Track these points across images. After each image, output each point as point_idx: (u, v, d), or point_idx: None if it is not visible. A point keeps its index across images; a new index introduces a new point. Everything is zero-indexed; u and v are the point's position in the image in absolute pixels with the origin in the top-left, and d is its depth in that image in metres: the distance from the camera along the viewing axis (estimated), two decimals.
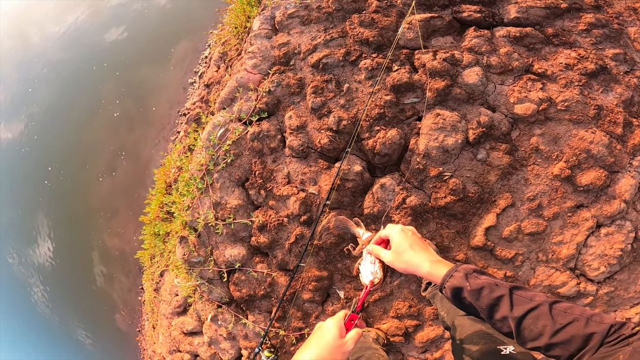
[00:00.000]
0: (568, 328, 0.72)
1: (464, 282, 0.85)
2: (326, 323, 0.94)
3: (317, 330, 0.94)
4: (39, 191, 4.51)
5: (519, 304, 0.79)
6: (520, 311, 0.78)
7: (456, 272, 0.88)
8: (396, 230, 1.00)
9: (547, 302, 0.77)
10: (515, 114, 1.89)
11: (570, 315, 0.73)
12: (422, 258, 0.94)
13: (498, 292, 0.81)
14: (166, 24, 4.18)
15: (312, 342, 0.91)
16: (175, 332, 2.92)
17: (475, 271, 0.87)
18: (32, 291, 4.85)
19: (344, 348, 0.90)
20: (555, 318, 0.74)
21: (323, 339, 0.90)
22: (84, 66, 4.41)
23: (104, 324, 4.68)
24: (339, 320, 0.94)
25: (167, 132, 3.85)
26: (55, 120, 4.53)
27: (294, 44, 2.21)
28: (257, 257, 2.25)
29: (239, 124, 2.22)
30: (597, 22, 1.94)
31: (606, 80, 1.87)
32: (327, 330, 0.91)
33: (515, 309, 0.78)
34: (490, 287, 0.83)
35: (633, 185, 1.84)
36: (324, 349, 0.88)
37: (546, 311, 0.75)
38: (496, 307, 0.81)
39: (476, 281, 0.84)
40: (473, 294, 0.84)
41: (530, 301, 0.78)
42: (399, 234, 0.99)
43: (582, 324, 0.71)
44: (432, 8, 2.06)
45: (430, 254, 0.95)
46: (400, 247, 0.97)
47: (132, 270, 4.31)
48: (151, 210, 3.26)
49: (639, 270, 1.94)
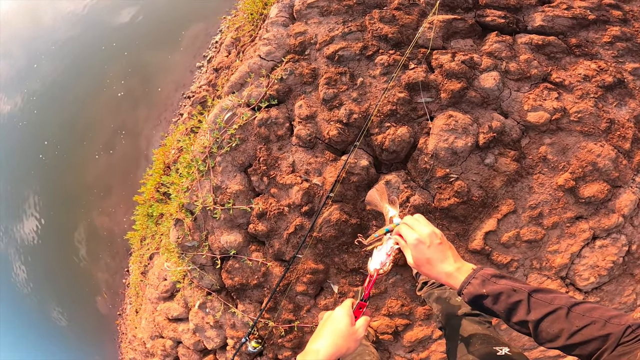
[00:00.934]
0: (585, 330, 0.72)
1: (481, 289, 0.86)
2: (337, 312, 0.95)
3: (327, 320, 0.94)
4: (33, 165, 4.41)
5: (537, 308, 0.80)
6: (537, 315, 0.79)
7: (473, 279, 0.88)
8: (413, 242, 0.97)
9: (566, 306, 0.77)
10: (527, 121, 1.90)
11: (588, 318, 0.74)
12: (440, 271, 0.93)
13: (516, 297, 0.82)
14: (179, 7, 4.15)
15: (324, 331, 0.92)
16: (160, 318, 2.85)
17: (494, 276, 0.88)
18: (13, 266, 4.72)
19: (356, 335, 0.91)
20: (572, 321, 0.75)
21: (336, 327, 0.91)
22: (93, 45, 4.36)
23: (83, 306, 4.58)
24: (348, 309, 0.95)
25: (169, 114, 3.80)
26: (57, 96, 4.46)
27: (311, 34, 2.20)
28: (253, 245, 2.22)
29: (247, 109, 2.19)
30: (622, 35, 1.96)
31: (622, 94, 1.89)
32: (340, 319, 0.92)
33: (532, 312, 0.80)
34: (507, 293, 0.83)
35: (633, 201, 1.86)
36: (339, 337, 0.89)
37: (563, 315, 0.76)
38: (514, 311, 0.82)
39: (493, 287, 0.85)
40: (491, 299, 0.85)
41: (549, 304, 0.79)
42: (415, 249, 0.96)
43: (600, 325, 0.71)
44: (455, 10, 2.07)
45: (447, 264, 0.94)
46: (418, 262, 0.97)
47: (120, 251, 4.22)
48: (146, 190, 3.19)
49: (627, 283, 1.97)
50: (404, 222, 1.05)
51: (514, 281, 0.86)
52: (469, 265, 0.93)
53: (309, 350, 0.88)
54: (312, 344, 0.90)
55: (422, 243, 0.95)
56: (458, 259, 0.96)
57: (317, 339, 0.90)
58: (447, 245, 0.97)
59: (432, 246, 0.95)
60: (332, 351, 0.87)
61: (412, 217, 1.05)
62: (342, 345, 0.88)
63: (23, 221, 4.63)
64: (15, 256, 4.77)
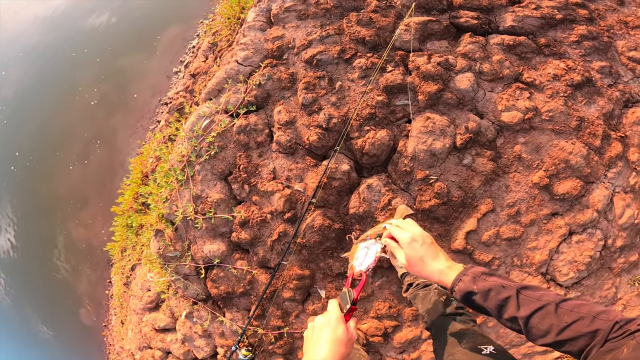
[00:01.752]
0: (574, 326, 0.74)
1: (472, 285, 0.89)
2: (331, 320, 0.94)
3: (323, 328, 0.94)
4: (4, 177, 4.22)
5: (526, 304, 0.81)
6: (527, 311, 0.80)
7: (464, 277, 0.91)
8: (406, 241, 1.00)
9: (554, 302, 0.79)
10: (501, 121, 1.94)
11: (577, 313, 0.75)
12: (432, 269, 0.97)
13: (505, 294, 0.84)
14: (154, 11, 4.03)
15: (322, 340, 0.91)
16: (147, 329, 2.78)
17: (484, 274, 0.90)
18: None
19: (352, 340, 0.93)
20: (561, 317, 0.76)
21: (335, 336, 0.91)
22: (64, 51, 4.19)
23: (66, 318, 4.44)
24: (341, 315, 0.96)
25: (146, 121, 3.69)
26: (27, 105, 4.28)
27: (289, 38, 2.18)
28: (237, 254, 2.19)
29: (225, 116, 2.16)
30: (589, 34, 2.03)
31: (590, 92, 1.95)
32: (336, 327, 0.92)
33: (522, 309, 0.81)
34: (497, 289, 0.86)
35: (606, 196, 1.93)
36: (339, 345, 0.89)
37: (552, 310, 0.78)
38: (504, 307, 0.84)
39: (484, 284, 0.88)
40: (481, 296, 0.87)
41: (538, 301, 0.81)
42: (409, 247, 0.99)
43: (588, 321, 0.73)
44: (430, 12, 2.09)
45: (439, 262, 0.97)
46: (411, 260, 0.99)
47: (100, 262, 4.09)
48: (124, 200, 3.10)
49: (605, 277, 2.04)
50: (395, 224, 1.07)
51: (503, 279, 0.89)
52: (460, 264, 0.96)
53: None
54: (314, 354, 0.89)
55: (415, 241, 0.98)
56: (448, 258, 0.99)
57: (317, 349, 0.90)
58: (437, 245, 1.00)
59: (425, 244, 0.98)
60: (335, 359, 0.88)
61: (402, 220, 1.08)
62: (344, 353, 0.89)
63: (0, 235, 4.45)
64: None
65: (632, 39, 2.13)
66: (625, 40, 2.09)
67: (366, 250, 1.12)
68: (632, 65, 2.04)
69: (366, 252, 1.12)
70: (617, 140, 1.92)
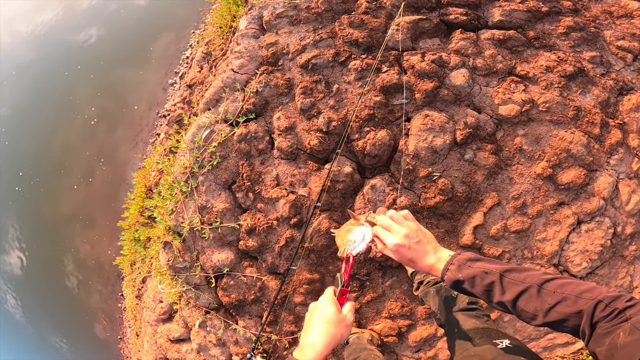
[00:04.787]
0: (557, 307, 0.73)
1: (458, 274, 0.87)
2: (321, 302, 0.93)
3: (314, 311, 0.93)
4: (10, 197, 4.25)
5: (510, 288, 0.81)
6: (511, 295, 0.80)
7: (451, 266, 0.90)
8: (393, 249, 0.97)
9: (537, 284, 0.78)
10: (499, 115, 1.95)
11: (560, 294, 0.74)
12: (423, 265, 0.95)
13: (489, 279, 0.83)
14: (145, 24, 4.03)
15: (313, 322, 0.90)
16: (162, 340, 2.81)
17: (469, 260, 0.89)
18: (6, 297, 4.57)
19: (346, 321, 0.90)
20: (544, 298, 0.75)
21: (325, 316, 0.89)
22: (57, 69, 4.19)
23: (82, 333, 4.50)
24: (332, 297, 0.94)
25: (145, 135, 3.71)
26: (27, 125, 4.29)
27: (283, 44, 2.18)
28: (245, 261, 2.20)
29: (225, 125, 2.17)
30: (575, 25, 2.03)
31: (584, 82, 1.96)
32: (326, 308, 0.91)
33: (507, 293, 0.80)
34: (481, 276, 0.84)
35: (610, 183, 1.93)
36: (330, 326, 0.87)
37: (535, 293, 0.77)
38: (491, 292, 0.83)
39: (468, 271, 0.87)
40: (468, 283, 0.86)
41: (521, 283, 0.80)
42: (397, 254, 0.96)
43: (571, 302, 0.72)
44: (420, 10, 2.09)
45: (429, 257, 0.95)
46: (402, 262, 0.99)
47: (110, 277, 4.13)
48: (130, 215, 3.13)
49: (619, 265, 2.03)
50: (381, 223, 1.03)
51: (489, 262, 0.87)
52: (447, 254, 0.94)
53: (304, 345, 0.86)
54: (305, 338, 0.88)
55: (402, 247, 0.95)
56: (438, 248, 0.96)
57: (309, 333, 0.88)
58: (424, 239, 0.96)
59: (412, 247, 0.95)
60: (327, 340, 0.85)
61: (387, 218, 1.02)
62: (336, 333, 0.87)
63: (8, 253, 4.49)
64: (5, 288, 4.62)
65: (619, 28, 2.14)
66: (612, 30, 2.09)
67: (362, 235, 1.06)
68: (622, 54, 2.05)
69: (363, 236, 1.06)
70: (616, 128, 1.93)
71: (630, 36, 2.09)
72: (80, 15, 4.36)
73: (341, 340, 0.88)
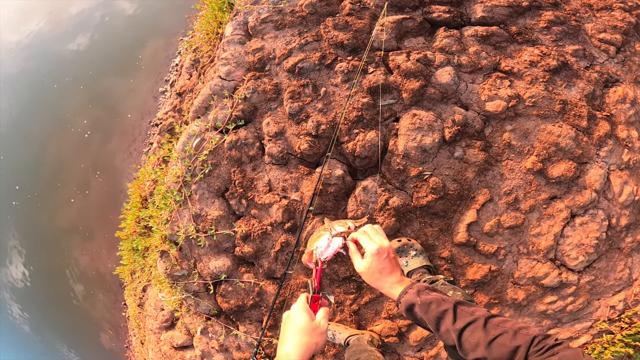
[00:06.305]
0: (499, 339, 0.81)
1: (416, 298, 0.95)
2: (293, 311, 0.95)
3: (286, 321, 0.94)
4: (8, 211, 4.26)
5: (461, 317, 0.89)
6: (461, 324, 0.87)
7: (410, 290, 0.98)
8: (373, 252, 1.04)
9: (484, 317, 0.87)
10: (487, 111, 1.95)
11: (502, 328, 0.83)
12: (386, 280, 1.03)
13: (444, 307, 0.91)
14: (132, 31, 4.00)
15: (287, 333, 0.91)
16: (165, 347, 2.84)
17: (427, 289, 0.98)
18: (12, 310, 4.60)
19: (319, 329, 0.91)
20: (489, 330, 0.84)
21: (297, 326, 0.90)
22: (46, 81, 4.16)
23: (90, 343, 4.53)
24: (304, 304, 0.95)
25: (139, 144, 3.71)
26: (20, 138, 4.28)
27: (269, 49, 2.18)
28: (242, 267, 2.22)
29: (215, 133, 2.18)
30: (556, 19, 2.03)
31: (568, 75, 1.96)
32: (297, 317, 0.92)
33: (457, 321, 0.88)
34: (437, 302, 0.93)
35: (602, 175, 1.93)
36: (302, 334, 0.88)
37: (481, 325, 0.85)
38: (442, 319, 0.91)
39: (426, 297, 0.95)
40: (423, 307, 0.93)
41: (471, 315, 0.89)
42: (373, 257, 1.03)
43: (510, 335, 0.80)
44: (403, 9, 2.08)
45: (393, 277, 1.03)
46: (370, 270, 1.04)
47: (112, 287, 4.15)
48: (127, 225, 3.14)
49: (616, 258, 2.04)
50: (365, 231, 1.10)
51: (443, 294, 0.96)
52: (408, 279, 1.04)
53: (279, 356, 0.87)
54: (280, 349, 0.89)
55: (381, 253, 1.02)
56: (402, 274, 1.06)
57: (283, 344, 0.89)
58: (396, 260, 1.06)
59: (388, 259, 1.03)
60: (301, 351, 0.86)
61: (372, 227, 1.10)
62: (310, 342, 0.87)
63: (9, 267, 4.51)
64: (10, 300, 4.65)
65: (600, 21, 2.13)
66: (593, 22, 2.09)
67: (328, 241, 1.12)
68: (604, 47, 2.04)
69: (328, 243, 1.12)
70: (603, 120, 1.93)
71: (612, 28, 2.09)
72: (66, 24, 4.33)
73: (317, 349, 0.90)
